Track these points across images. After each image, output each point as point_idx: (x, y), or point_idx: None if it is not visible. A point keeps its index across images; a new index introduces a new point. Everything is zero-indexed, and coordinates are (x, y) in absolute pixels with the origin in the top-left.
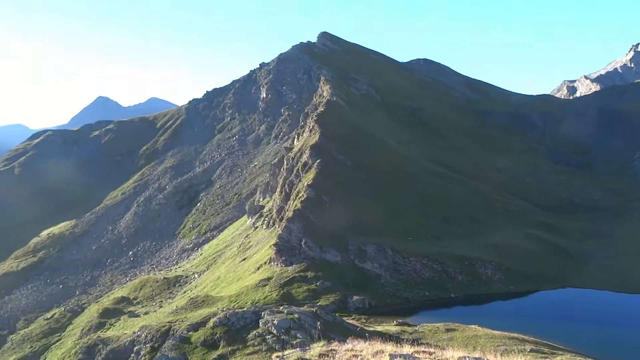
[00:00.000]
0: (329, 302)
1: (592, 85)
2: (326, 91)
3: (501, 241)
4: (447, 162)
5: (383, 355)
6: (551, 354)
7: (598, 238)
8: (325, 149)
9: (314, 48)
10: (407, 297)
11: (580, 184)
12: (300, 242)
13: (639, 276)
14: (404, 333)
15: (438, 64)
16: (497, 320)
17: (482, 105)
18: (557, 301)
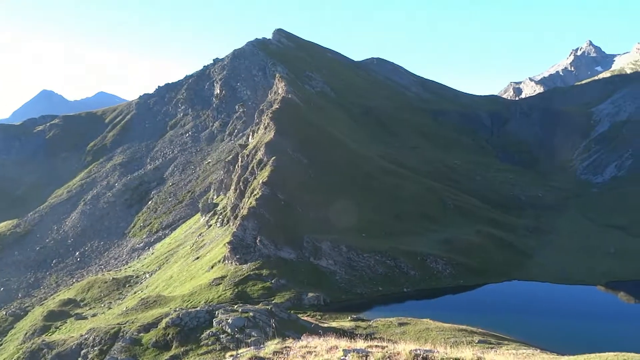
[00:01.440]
0: (284, 300)
1: (536, 87)
2: (281, 88)
3: (452, 237)
4: (400, 160)
5: (337, 351)
6: (498, 344)
7: (541, 233)
8: (281, 146)
9: (269, 45)
10: (361, 292)
11: (525, 182)
12: (255, 240)
13: (577, 268)
14: (358, 328)
15: (392, 64)
16: (448, 313)
17: (434, 104)
18: (503, 294)
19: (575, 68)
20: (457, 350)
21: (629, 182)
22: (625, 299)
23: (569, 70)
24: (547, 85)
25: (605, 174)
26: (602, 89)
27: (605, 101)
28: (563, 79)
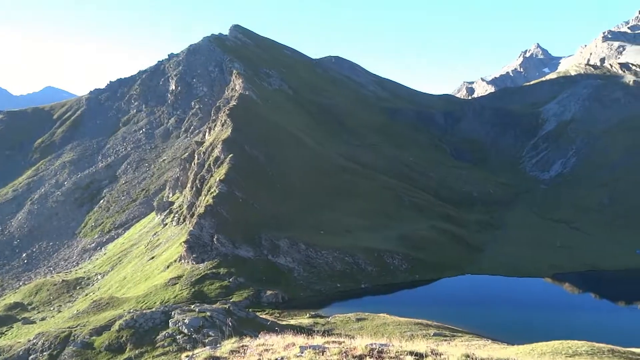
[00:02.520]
0: (243, 298)
1: (487, 87)
2: (238, 85)
3: (407, 233)
4: (358, 157)
5: (294, 348)
6: (452, 336)
7: (492, 228)
8: (238, 143)
9: (225, 41)
10: (319, 289)
11: (477, 178)
12: (212, 238)
13: (526, 261)
14: (317, 325)
15: (350, 62)
16: (405, 308)
17: (391, 103)
18: (457, 287)
19: (524, 69)
20: (411, 344)
21: (573, 179)
22: (570, 290)
23: (518, 71)
24: (498, 86)
25: (551, 171)
26: (549, 89)
27: (552, 101)
28: (513, 79)
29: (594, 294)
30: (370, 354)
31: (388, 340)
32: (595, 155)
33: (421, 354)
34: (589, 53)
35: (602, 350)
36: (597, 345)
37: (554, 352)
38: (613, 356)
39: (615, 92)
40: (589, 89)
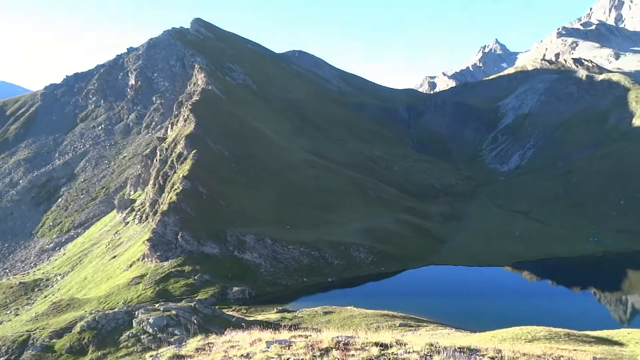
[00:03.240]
0: (209, 296)
1: (449, 82)
2: (201, 80)
3: (373, 226)
4: (323, 152)
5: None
6: (417, 326)
7: (454, 219)
8: (201, 139)
9: (187, 34)
10: (286, 284)
11: (440, 171)
12: (176, 235)
13: (487, 251)
14: (284, 319)
15: (313, 57)
16: (371, 300)
17: (355, 98)
18: (422, 278)
19: (483, 64)
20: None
21: (530, 171)
22: (528, 278)
23: (478, 66)
24: (459, 80)
25: (510, 163)
26: (507, 84)
27: (510, 95)
28: (473, 74)
29: (550, 281)
30: (336, 347)
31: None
32: (551, 148)
33: (386, 344)
34: (544, 48)
35: (559, 334)
36: (555, 330)
37: (514, 337)
38: (569, 340)
39: (569, 86)
40: (544, 84)
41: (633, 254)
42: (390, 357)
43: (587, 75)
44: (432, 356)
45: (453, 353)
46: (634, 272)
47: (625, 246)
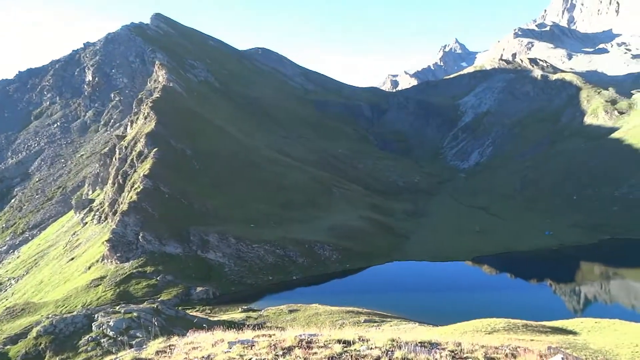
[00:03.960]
0: (172, 296)
1: (411, 80)
2: (162, 76)
3: (337, 223)
4: (286, 150)
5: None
6: (381, 321)
7: (417, 216)
8: (163, 137)
9: (147, 30)
10: (251, 283)
11: (402, 169)
12: (137, 236)
13: (449, 246)
14: (249, 319)
15: (277, 54)
16: (336, 297)
17: (318, 95)
18: (386, 275)
19: (444, 63)
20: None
21: (489, 167)
22: (488, 271)
23: (439, 65)
24: (421, 79)
25: (470, 160)
26: (467, 83)
27: (470, 94)
28: (434, 72)
29: (509, 274)
30: (299, 345)
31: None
32: (508, 145)
33: (349, 341)
34: (502, 48)
35: (517, 325)
36: (513, 321)
37: (474, 330)
38: (527, 330)
39: (525, 85)
40: (502, 83)
41: (585, 247)
42: (353, 354)
43: (542, 74)
44: (394, 351)
45: (414, 348)
46: (586, 264)
47: (578, 239)
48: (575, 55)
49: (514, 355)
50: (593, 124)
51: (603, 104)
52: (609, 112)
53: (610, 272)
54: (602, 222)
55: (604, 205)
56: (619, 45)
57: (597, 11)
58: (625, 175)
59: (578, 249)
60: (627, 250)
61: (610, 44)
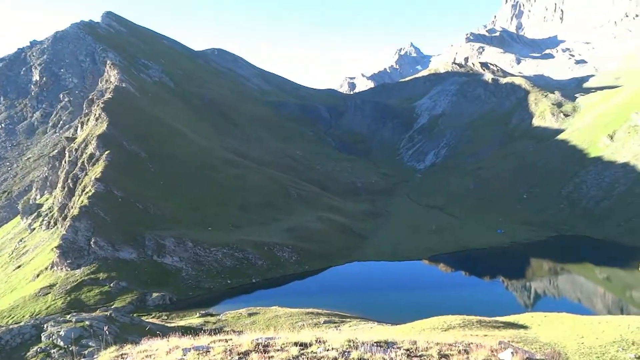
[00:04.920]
0: (126, 303)
1: (367, 82)
2: (114, 76)
3: (296, 225)
4: (243, 151)
5: (177, 351)
6: (341, 322)
7: (375, 216)
8: (115, 139)
9: (97, 28)
10: (209, 287)
11: (361, 170)
12: (89, 241)
13: (406, 246)
14: (207, 324)
15: (233, 55)
16: (296, 299)
17: (275, 97)
18: (345, 275)
19: (400, 66)
20: (297, 334)
21: (444, 168)
22: (444, 270)
23: (395, 68)
24: (377, 81)
25: (426, 161)
26: (422, 85)
27: (425, 96)
28: (390, 75)
29: (464, 272)
30: (255, 349)
31: (276, 333)
32: (462, 146)
33: (306, 343)
34: (455, 52)
35: (472, 321)
36: (468, 318)
37: (431, 327)
38: (481, 326)
39: (477, 88)
40: (455, 86)
41: (535, 244)
42: (309, 356)
43: (492, 78)
44: (351, 352)
45: (371, 347)
46: (536, 260)
47: (528, 236)
48: (523, 59)
49: (466, 351)
50: (541, 125)
51: (550, 106)
52: (555, 114)
53: (557, 268)
54: (550, 219)
55: (552, 204)
56: (564, 51)
57: (544, 18)
58: (570, 174)
59: (528, 246)
60: (572, 246)
61: (556, 50)
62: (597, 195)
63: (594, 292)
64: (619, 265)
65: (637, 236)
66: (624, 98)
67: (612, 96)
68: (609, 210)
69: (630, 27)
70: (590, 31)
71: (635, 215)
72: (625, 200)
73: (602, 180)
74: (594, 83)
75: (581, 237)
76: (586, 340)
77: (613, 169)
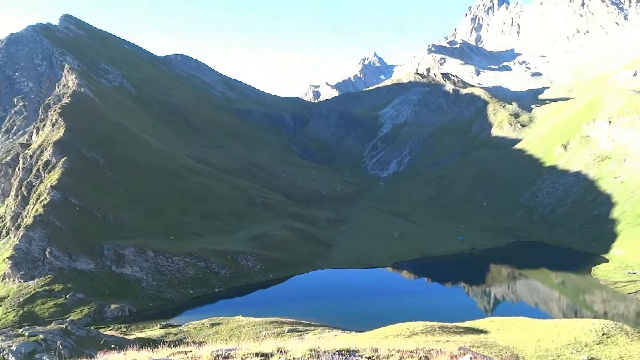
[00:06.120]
0: (83, 315)
1: (332, 91)
2: (72, 81)
3: (260, 233)
4: (207, 159)
5: None
6: (305, 330)
7: (339, 224)
8: (73, 145)
9: (55, 31)
10: (171, 297)
11: (325, 178)
12: (43, 252)
13: (370, 253)
14: (168, 335)
15: (196, 61)
16: (260, 308)
17: (239, 104)
18: (310, 283)
19: (364, 75)
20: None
21: (407, 176)
22: (407, 276)
23: (359, 77)
24: (342, 90)
25: (389, 169)
26: (385, 95)
27: (388, 106)
28: (354, 84)
29: (427, 278)
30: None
31: (238, 344)
32: (424, 155)
33: (267, 353)
34: (417, 63)
35: (434, 327)
36: (430, 324)
37: (395, 334)
38: (443, 332)
39: (439, 98)
40: (418, 95)
41: (494, 250)
42: None
43: (453, 89)
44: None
45: (332, 356)
46: (495, 266)
47: (487, 243)
48: (482, 71)
49: (427, 357)
50: (499, 135)
51: (507, 117)
52: (513, 124)
53: (516, 273)
54: (508, 226)
55: (510, 211)
56: (520, 63)
57: (501, 32)
58: (527, 182)
59: (488, 252)
60: (529, 252)
61: (513, 62)
62: (552, 202)
63: (550, 297)
64: (572, 270)
65: (589, 242)
66: (576, 109)
67: (566, 107)
68: (563, 217)
69: (581, 42)
70: (545, 45)
71: (586, 222)
72: (577, 208)
73: (556, 188)
74: (549, 95)
75: (538, 243)
76: (543, 344)
77: (567, 177)
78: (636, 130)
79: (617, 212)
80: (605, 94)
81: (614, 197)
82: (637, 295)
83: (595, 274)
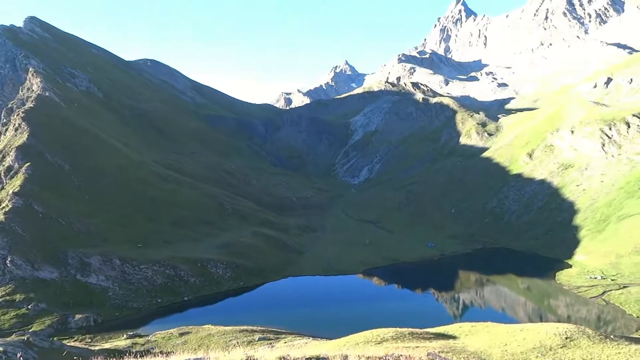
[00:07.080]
0: (46, 326)
1: (304, 98)
2: (36, 85)
3: (230, 240)
4: (177, 165)
5: None
6: (276, 339)
7: (311, 231)
8: (36, 150)
9: (19, 33)
10: (138, 306)
11: (296, 184)
12: (4, 260)
13: (341, 260)
14: (135, 345)
15: (167, 66)
16: (230, 316)
17: (210, 110)
18: (281, 291)
19: (335, 83)
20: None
21: (377, 183)
22: (378, 283)
23: (330, 85)
24: (313, 97)
25: (360, 177)
26: (356, 103)
27: (359, 113)
28: (326, 92)
29: (397, 285)
30: None
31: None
32: (394, 162)
33: None
34: (387, 72)
35: (404, 334)
36: (400, 330)
37: (365, 341)
38: (413, 338)
39: (409, 107)
40: (388, 104)
41: (462, 256)
42: None
43: (423, 97)
44: None
45: None
46: (464, 272)
47: (456, 249)
48: (451, 81)
49: None
50: (467, 144)
51: (475, 126)
52: (480, 133)
53: (483, 279)
54: (476, 232)
55: (477, 218)
56: (487, 74)
57: (469, 43)
58: (494, 190)
59: (456, 259)
60: (496, 258)
61: (480, 73)
62: (518, 210)
63: (517, 302)
64: (538, 276)
65: (553, 248)
66: (541, 119)
67: (531, 117)
68: (528, 223)
69: (545, 55)
70: (511, 57)
71: (550, 229)
72: (542, 215)
73: (522, 195)
74: (515, 105)
75: (504, 249)
76: (509, 348)
77: (532, 185)
78: (596, 141)
79: (579, 219)
80: (567, 105)
81: (577, 204)
82: (598, 300)
83: (559, 279)
